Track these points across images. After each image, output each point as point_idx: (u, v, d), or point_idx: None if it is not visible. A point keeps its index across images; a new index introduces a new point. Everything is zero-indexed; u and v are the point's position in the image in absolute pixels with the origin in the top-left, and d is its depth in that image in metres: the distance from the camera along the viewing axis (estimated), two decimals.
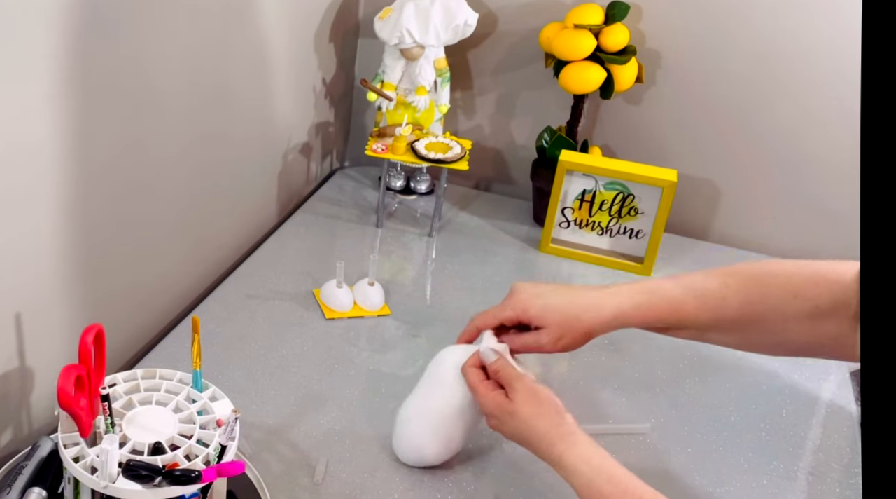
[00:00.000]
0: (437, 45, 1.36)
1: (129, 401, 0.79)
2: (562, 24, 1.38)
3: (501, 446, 0.96)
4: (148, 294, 1.10)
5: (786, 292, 0.82)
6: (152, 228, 1.06)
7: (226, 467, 0.73)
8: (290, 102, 1.37)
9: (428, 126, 1.43)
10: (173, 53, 1.01)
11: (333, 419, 0.98)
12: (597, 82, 1.35)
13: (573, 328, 0.85)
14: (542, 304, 0.87)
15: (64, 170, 0.87)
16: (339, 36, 1.47)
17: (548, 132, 1.44)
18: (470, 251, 1.36)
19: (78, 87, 0.85)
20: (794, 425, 1.04)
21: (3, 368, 0.85)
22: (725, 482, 0.95)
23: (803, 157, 1.40)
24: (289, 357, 1.08)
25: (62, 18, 0.81)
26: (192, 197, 1.14)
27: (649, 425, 1.00)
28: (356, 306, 1.18)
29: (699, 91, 1.42)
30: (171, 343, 1.08)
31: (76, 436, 0.74)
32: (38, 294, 0.88)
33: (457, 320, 1.18)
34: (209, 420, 0.79)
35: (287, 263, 1.29)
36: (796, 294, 0.82)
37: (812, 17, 1.32)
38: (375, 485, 0.90)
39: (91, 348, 0.74)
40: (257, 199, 1.35)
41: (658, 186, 1.30)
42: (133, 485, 0.71)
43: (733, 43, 1.37)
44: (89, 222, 0.93)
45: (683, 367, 1.13)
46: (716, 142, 1.45)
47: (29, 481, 0.80)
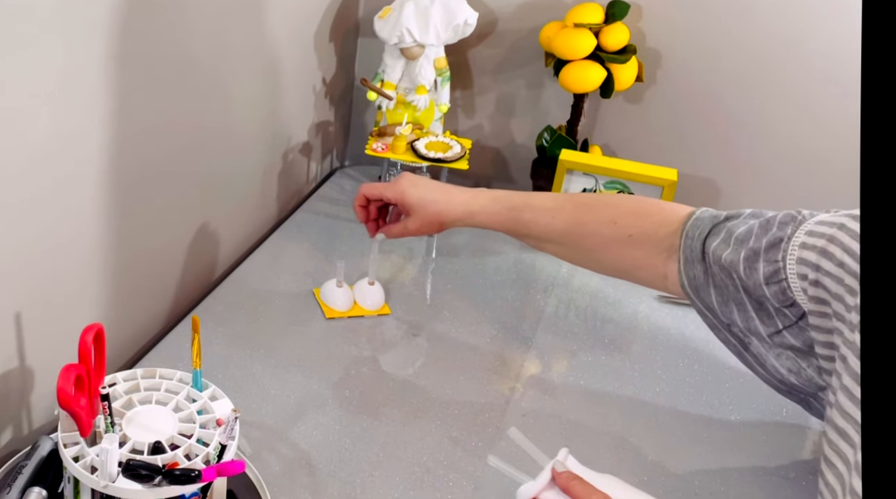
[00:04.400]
0: (436, 44, 1.36)
1: (129, 400, 0.79)
2: (562, 24, 1.38)
3: (501, 445, 0.96)
4: (148, 294, 1.10)
5: (607, 219, 0.96)
6: (152, 227, 1.06)
7: (226, 466, 0.73)
8: (290, 102, 1.37)
9: (428, 125, 1.43)
10: (172, 53, 1.00)
11: (333, 419, 0.98)
12: (597, 81, 1.35)
13: (431, 218, 1.03)
14: (417, 195, 1.03)
15: (63, 171, 0.87)
16: (338, 35, 1.47)
17: (548, 131, 1.44)
18: (470, 251, 1.36)
19: (76, 90, 0.85)
20: (794, 425, 1.04)
21: (3, 367, 0.85)
22: (726, 482, 0.95)
23: (803, 156, 1.40)
24: (289, 357, 1.08)
25: None
26: (191, 196, 1.14)
27: None
28: (356, 306, 1.18)
29: (699, 91, 1.42)
30: (171, 343, 1.08)
31: (76, 435, 0.74)
32: (38, 294, 0.87)
33: (457, 320, 1.18)
34: (209, 420, 0.79)
35: (287, 263, 1.29)
36: (615, 221, 0.96)
37: (812, 16, 1.32)
38: (375, 485, 0.90)
39: (91, 348, 0.74)
40: (257, 198, 1.35)
41: (658, 185, 1.29)
42: (133, 484, 0.71)
43: (733, 42, 1.37)
44: (89, 223, 0.93)
45: (683, 366, 1.13)
46: (716, 141, 1.45)
47: (29, 480, 0.80)
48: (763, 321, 0.86)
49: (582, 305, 1.26)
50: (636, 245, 0.95)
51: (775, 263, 0.81)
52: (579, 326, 1.21)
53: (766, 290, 0.83)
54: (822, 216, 0.82)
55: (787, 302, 0.82)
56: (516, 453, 0.81)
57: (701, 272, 0.90)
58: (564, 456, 0.79)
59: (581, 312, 1.25)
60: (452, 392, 1.04)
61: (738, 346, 0.92)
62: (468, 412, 1.01)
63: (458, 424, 0.99)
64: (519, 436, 0.83)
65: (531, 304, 1.25)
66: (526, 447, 0.82)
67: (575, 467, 0.78)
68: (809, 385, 0.87)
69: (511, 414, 1.01)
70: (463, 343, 1.14)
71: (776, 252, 0.82)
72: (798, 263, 0.80)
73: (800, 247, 0.80)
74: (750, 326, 0.88)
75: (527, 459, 0.80)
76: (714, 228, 0.90)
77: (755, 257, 0.83)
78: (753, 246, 0.84)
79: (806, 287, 0.79)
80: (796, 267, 0.80)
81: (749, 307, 0.87)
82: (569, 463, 0.78)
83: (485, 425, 0.99)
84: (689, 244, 0.91)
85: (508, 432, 0.83)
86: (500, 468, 0.82)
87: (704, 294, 0.91)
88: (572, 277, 1.33)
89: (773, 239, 0.83)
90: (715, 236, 0.88)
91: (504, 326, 1.18)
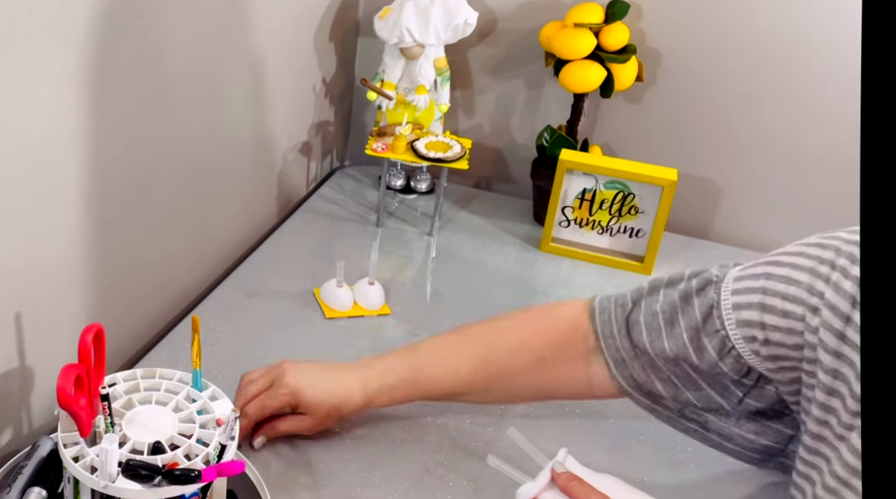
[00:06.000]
0: (436, 44, 1.36)
1: (129, 400, 0.79)
2: (562, 23, 1.38)
3: (501, 445, 0.96)
4: (148, 294, 1.10)
5: (510, 347, 0.90)
6: (152, 227, 1.06)
7: (225, 466, 0.73)
8: (291, 102, 1.37)
9: (428, 125, 1.43)
10: (172, 53, 1.00)
11: None
12: (597, 81, 1.35)
13: (332, 416, 0.91)
14: (309, 395, 0.90)
15: (64, 172, 0.87)
16: (338, 35, 1.47)
17: (548, 131, 1.44)
18: (470, 250, 1.36)
19: (77, 87, 0.85)
20: None
21: (3, 367, 0.85)
22: (726, 482, 0.95)
23: (803, 156, 1.40)
24: (289, 357, 1.07)
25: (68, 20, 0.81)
26: (191, 196, 1.14)
27: None
28: (356, 306, 1.18)
29: (699, 90, 1.42)
30: (171, 343, 1.08)
31: (76, 435, 0.74)
32: (38, 294, 0.87)
33: (457, 320, 1.18)
34: (209, 420, 0.79)
35: (287, 263, 1.29)
36: (520, 347, 0.89)
37: (812, 15, 1.32)
38: (375, 485, 0.90)
39: (91, 348, 0.73)
40: (257, 198, 1.35)
41: (658, 184, 1.29)
42: (133, 484, 0.71)
43: (733, 42, 1.37)
44: (89, 222, 0.93)
45: None
46: (716, 141, 1.45)
47: (29, 480, 0.80)
48: (723, 395, 0.82)
49: None
50: (550, 365, 0.89)
51: (717, 333, 0.78)
52: None
53: (722, 365, 0.79)
54: (734, 272, 0.79)
55: (743, 371, 0.79)
56: (516, 453, 0.81)
57: (639, 368, 0.85)
58: (564, 456, 0.79)
59: None
60: None
61: (699, 429, 0.87)
62: (468, 412, 1.01)
63: (458, 424, 0.99)
64: (518, 436, 0.83)
65: (531, 304, 1.25)
66: (525, 447, 0.82)
67: (574, 467, 0.78)
68: (779, 439, 0.83)
69: (511, 414, 1.01)
70: None
71: (713, 322, 0.78)
72: (740, 327, 0.76)
73: (734, 309, 0.76)
74: (708, 404, 0.83)
75: (526, 459, 0.80)
76: (629, 316, 0.85)
77: (697, 336, 0.79)
78: (688, 324, 0.80)
79: (757, 349, 0.76)
80: (739, 331, 0.76)
81: (703, 385, 0.82)
82: (568, 463, 0.78)
83: (485, 425, 0.99)
84: (613, 345, 0.85)
85: (508, 432, 0.83)
86: (499, 468, 0.82)
87: (650, 388, 0.85)
88: (572, 278, 1.33)
89: (703, 309, 0.79)
90: (637, 326, 0.83)
91: None
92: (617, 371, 0.86)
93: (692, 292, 0.81)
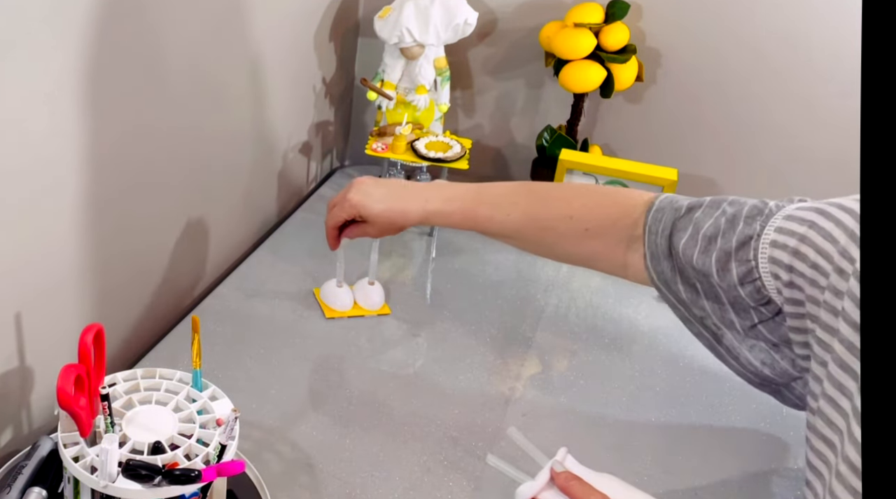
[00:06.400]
0: (436, 44, 1.36)
1: (129, 400, 0.79)
2: (562, 23, 1.38)
3: (501, 445, 0.96)
4: (148, 294, 1.10)
5: (562, 214, 0.96)
6: (152, 227, 1.06)
7: (226, 466, 0.73)
8: (290, 101, 1.37)
9: (428, 125, 1.43)
10: (171, 53, 1.00)
11: (333, 419, 0.98)
12: (597, 81, 1.35)
13: (389, 227, 1.04)
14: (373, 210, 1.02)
15: (64, 172, 0.87)
16: (338, 35, 1.47)
17: (548, 131, 1.44)
18: (470, 250, 1.36)
19: (76, 87, 0.85)
20: (794, 425, 1.04)
21: (3, 367, 0.85)
22: (726, 482, 0.95)
23: (804, 156, 1.40)
24: (289, 357, 1.08)
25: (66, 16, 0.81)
26: (191, 196, 1.14)
27: None
28: (356, 306, 1.18)
29: (699, 90, 1.42)
30: (171, 343, 1.08)
31: (76, 435, 0.74)
32: (38, 294, 0.87)
33: (457, 320, 1.18)
34: (209, 419, 0.79)
35: (287, 263, 1.29)
36: (571, 216, 0.96)
37: (812, 15, 1.32)
38: (375, 485, 0.90)
39: (91, 348, 0.73)
40: (257, 198, 1.35)
41: (658, 184, 1.29)
42: (133, 484, 0.71)
43: (733, 42, 1.37)
44: (89, 222, 0.93)
45: (683, 366, 1.13)
46: (716, 141, 1.45)
47: (29, 480, 0.80)
48: (738, 315, 0.85)
49: (582, 305, 1.26)
50: (593, 238, 0.94)
51: (747, 262, 0.80)
52: (579, 326, 1.21)
53: (741, 290, 0.82)
54: (789, 209, 0.80)
55: (763, 300, 0.81)
56: (516, 452, 0.81)
57: (668, 269, 0.89)
58: (563, 456, 0.79)
59: (581, 312, 1.25)
60: (452, 392, 1.04)
61: (711, 339, 0.90)
62: (468, 412, 1.01)
63: (458, 424, 0.99)
64: (518, 436, 0.83)
65: (531, 304, 1.25)
66: (525, 447, 0.82)
67: (574, 466, 0.78)
68: (783, 376, 0.85)
69: (511, 414, 1.01)
70: (463, 343, 1.14)
71: (747, 251, 0.80)
72: (770, 263, 0.78)
73: (770, 245, 0.78)
74: (725, 319, 0.87)
75: (526, 458, 0.80)
76: (677, 221, 0.88)
77: (727, 259, 0.82)
78: (723, 246, 0.82)
79: (780, 287, 0.78)
80: (769, 266, 0.78)
81: (724, 300, 0.85)
82: (568, 463, 0.78)
83: (485, 425, 0.99)
84: (653, 240, 0.90)
85: (508, 431, 0.83)
86: (499, 468, 0.82)
87: (675, 289, 0.90)
88: (572, 277, 1.33)
89: (742, 237, 0.81)
90: (681, 232, 0.87)
91: (504, 326, 1.18)
92: (651, 264, 0.90)
93: (740, 218, 0.83)
